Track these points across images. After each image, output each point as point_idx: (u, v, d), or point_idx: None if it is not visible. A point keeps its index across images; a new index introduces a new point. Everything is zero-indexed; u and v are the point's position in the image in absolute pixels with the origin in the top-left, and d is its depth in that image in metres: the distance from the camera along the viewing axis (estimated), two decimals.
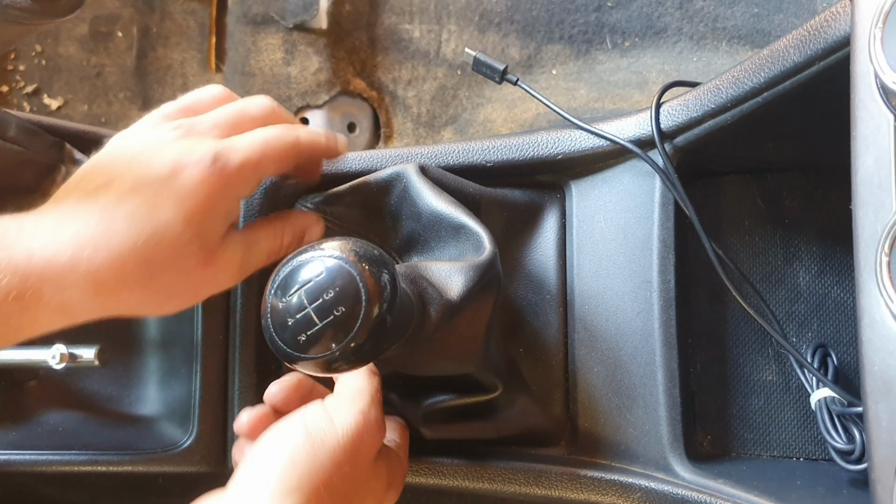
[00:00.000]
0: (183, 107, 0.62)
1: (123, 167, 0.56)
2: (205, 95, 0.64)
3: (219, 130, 0.59)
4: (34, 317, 0.52)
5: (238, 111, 0.62)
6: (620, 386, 0.70)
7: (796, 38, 0.59)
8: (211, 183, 0.55)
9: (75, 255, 0.52)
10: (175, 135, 0.58)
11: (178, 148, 0.56)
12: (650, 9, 1.31)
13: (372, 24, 1.38)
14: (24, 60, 1.43)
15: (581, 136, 0.72)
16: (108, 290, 0.54)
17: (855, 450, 0.64)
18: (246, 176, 0.58)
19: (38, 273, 0.51)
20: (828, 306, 0.74)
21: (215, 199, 0.56)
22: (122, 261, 0.53)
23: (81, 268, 0.52)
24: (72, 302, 0.53)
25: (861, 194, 0.48)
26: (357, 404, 0.59)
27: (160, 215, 0.54)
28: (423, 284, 0.59)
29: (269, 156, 0.59)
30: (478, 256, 0.62)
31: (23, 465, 0.76)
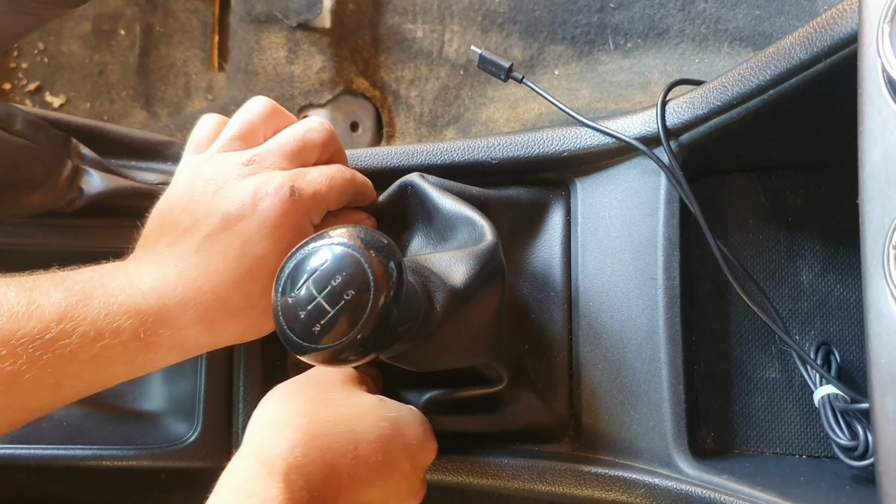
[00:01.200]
0: (240, 134, 0.64)
1: (206, 207, 0.60)
2: (255, 115, 0.65)
3: (287, 161, 0.62)
4: (153, 355, 0.57)
5: (300, 140, 0.64)
6: (624, 382, 0.70)
7: (803, 36, 0.59)
8: (291, 212, 0.59)
9: (185, 296, 0.57)
10: (247, 170, 0.61)
11: (254, 183, 0.60)
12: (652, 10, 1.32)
13: (375, 24, 1.38)
14: (26, 58, 1.44)
15: (586, 134, 0.72)
16: (218, 326, 0.59)
17: (858, 446, 0.65)
18: (318, 205, 0.61)
19: (155, 315, 0.56)
20: (831, 304, 0.75)
21: (297, 227, 0.59)
22: (227, 296, 0.58)
23: (191, 308, 0.57)
24: (187, 340, 0.58)
25: (868, 189, 0.48)
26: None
27: (253, 250, 0.58)
28: (425, 273, 0.60)
29: (334, 188, 0.62)
30: (478, 246, 0.63)
31: (27, 459, 0.76)
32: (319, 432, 0.56)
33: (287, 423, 0.57)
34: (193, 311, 0.57)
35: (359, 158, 0.75)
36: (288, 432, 0.56)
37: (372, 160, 0.75)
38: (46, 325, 0.52)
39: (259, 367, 0.76)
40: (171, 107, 1.40)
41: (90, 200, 0.72)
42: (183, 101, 1.41)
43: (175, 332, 0.57)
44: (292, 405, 0.59)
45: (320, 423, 0.57)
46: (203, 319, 0.58)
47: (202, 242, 0.58)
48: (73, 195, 0.71)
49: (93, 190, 0.72)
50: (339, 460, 0.56)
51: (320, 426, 0.57)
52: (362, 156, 0.75)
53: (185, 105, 1.41)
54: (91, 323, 0.54)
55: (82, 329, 0.53)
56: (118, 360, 0.55)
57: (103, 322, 0.54)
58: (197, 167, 0.62)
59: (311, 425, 0.56)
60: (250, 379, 0.76)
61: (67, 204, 0.71)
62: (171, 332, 0.57)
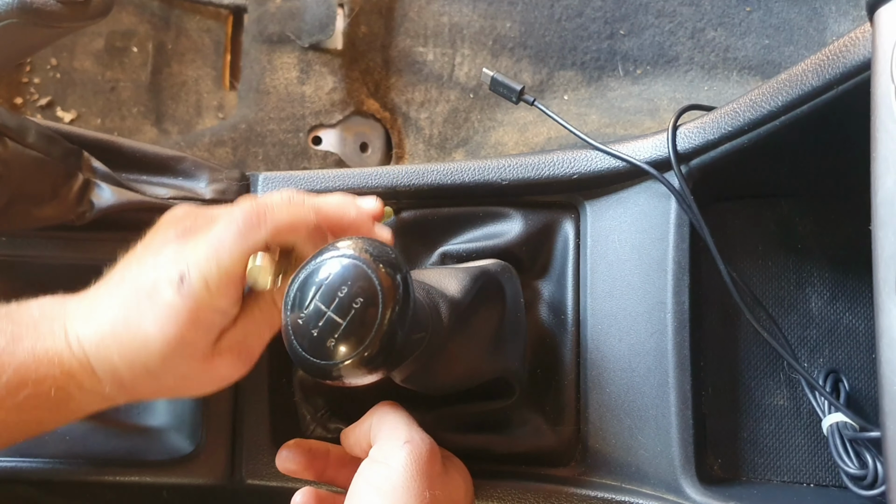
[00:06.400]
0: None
1: (133, 267, 0.58)
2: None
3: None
4: (79, 403, 0.57)
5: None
6: (632, 407, 0.70)
7: (815, 63, 0.59)
8: (178, 306, 0.55)
9: (101, 349, 0.56)
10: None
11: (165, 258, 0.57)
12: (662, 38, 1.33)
13: (387, 46, 1.39)
14: (38, 73, 1.44)
15: (597, 157, 0.72)
16: (128, 386, 0.57)
17: (867, 475, 0.64)
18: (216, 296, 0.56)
19: (77, 367, 0.55)
20: (839, 332, 0.74)
21: (185, 326, 0.55)
22: (131, 362, 0.56)
23: (106, 363, 0.56)
24: (106, 391, 0.57)
25: (881, 214, 0.48)
26: (400, 437, 0.59)
27: (145, 335, 0.55)
28: (425, 287, 0.60)
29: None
30: (468, 265, 0.65)
31: (29, 473, 0.76)
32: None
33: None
34: (108, 366, 0.56)
35: (369, 177, 0.75)
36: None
37: (382, 179, 0.75)
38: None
39: (265, 384, 0.76)
40: (182, 124, 1.41)
41: (100, 214, 0.72)
42: (194, 118, 1.42)
43: (97, 385, 0.56)
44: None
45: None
46: (113, 376, 0.56)
47: (117, 302, 0.57)
48: (83, 208, 0.71)
49: (103, 203, 0.72)
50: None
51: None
52: (372, 174, 0.76)
53: (196, 123, 1.42)
54: (15, 371, 0.53)
55: (6, 377, 0.53)
56: (43, 408, 0.55)
57: (28, 370, 0.54)
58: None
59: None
60: (255, 396, 0.75)
61: (77, 217, 0.71)
62: (94, 384, 0.56)
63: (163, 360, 0.55)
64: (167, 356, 0.55)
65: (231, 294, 0.56)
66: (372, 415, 0.63)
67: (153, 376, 0.56)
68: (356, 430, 0.64)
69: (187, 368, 0.57)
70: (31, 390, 0.54)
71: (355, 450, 0.64)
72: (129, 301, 0.56)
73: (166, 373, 0.56)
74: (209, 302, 0.55)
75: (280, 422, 0.76)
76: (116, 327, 0.56)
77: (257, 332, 0.60)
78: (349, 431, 0.65)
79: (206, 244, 0.56)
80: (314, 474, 0.66)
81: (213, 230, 0.56)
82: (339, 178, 0.76)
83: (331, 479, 0.66)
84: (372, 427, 0.62)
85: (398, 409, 0.63)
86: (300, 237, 0.58)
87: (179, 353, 0.55)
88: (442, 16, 1.39)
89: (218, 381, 0.60)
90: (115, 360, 0.56)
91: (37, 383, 0.54)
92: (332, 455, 0.66)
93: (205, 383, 0.59)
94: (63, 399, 0.56)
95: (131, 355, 0.55)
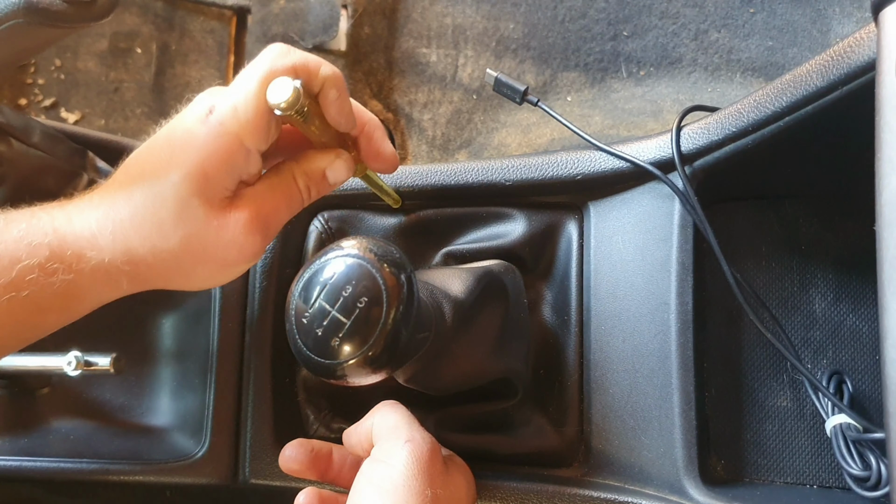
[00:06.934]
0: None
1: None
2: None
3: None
4: (80, 284, 0.53)
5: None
6: (635, 408, 0.70)
7: (819, 64, 0.59)
8: (203, 136, 0.54)
9: (104, 215, 0.54)
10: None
11: (195, 104, 0.56)
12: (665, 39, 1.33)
13: (390, 48, 1.39)
14: (42, 74, 1.45)
15: (601, 158, 0.72)
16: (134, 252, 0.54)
17: (871, 476, 0.64)
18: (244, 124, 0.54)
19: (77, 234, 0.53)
20: (843, 334, 0.74)
21: (210, 154, 0.54)
22: (140, 219, 0.54)
23: (110, 225, 0.53)
24: (111, 266, 0.54)
25: (886, 215, 0.48)
26: (401, 436, 0.59)
27: (163, 174, 0.54)
28: (429, 287, 0.60)
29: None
30: (472, 265, 0.65)
31: (33, 472, 0.76)
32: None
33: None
34: (111, 232, 0.53)
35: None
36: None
37: (386, 179, 0.75)
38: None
39: (268, 384, 0.76)
40: None
41: None
42: None
43: (101, 254, 0.53)
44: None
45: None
46: (122, 240, 0.54)
47: (132, 165, 0.56)
48: None
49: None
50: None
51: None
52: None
53: None
54: (8, 245, 0.51)
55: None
56: (40, 284, 0.52)
57: (20, 242, 0.52)
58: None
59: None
60: (259, 396, 0.75)
61: None
62: (97, 254, 0.53)
63: (178, 204, 0.53)
64: (183, 197, 0.53)
65: (258, 129, 0.54)
66: (373, 414, 0.63)
67: (164, 235, 0.54)
68: (358, 430, 0.64)
69: (203, 216, 0.54)
70: (27, 262, 0.51)
71: (357, 449, 0.64)
72: (150, 146, 0.55)
73: (179, 223, 0.54)
74: (236, 131, 0.53)
75: (283, 422, 0.76)
76: (130, 175, 0.54)
77: (274, 201, 0.57)
78: (351, 431, 0.65)
79: (235, 82, 0.55)
80: (317, 474, 0.65)
81: (243, 71, 0.55)
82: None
83: (333, 480, 0.66)
84: (373, 426, 0.62)
85: (400, 408, 0.63)
86: (325, 87, 0.56)
87: (197, 191, 0.53)
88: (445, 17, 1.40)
89: (234, 249, 0.56)
90: (122, 218, 0.54)
91: (30, 254, 0.51)
92: (335, 455, 0.66)
93: (220, 248, 0.56)
94: (66, 282, 0.53)
95: (142, 207, 0.54)
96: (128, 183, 0.55)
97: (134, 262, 0.55)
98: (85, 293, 0.55)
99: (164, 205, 0.53)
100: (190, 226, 0.54)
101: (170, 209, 0.54)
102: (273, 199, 0.57)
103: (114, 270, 0.54)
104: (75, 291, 0.54)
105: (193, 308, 0.79)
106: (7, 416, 0.79)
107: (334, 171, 0.60)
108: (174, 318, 0.81)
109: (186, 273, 0.57)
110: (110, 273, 0.54)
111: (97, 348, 0.76)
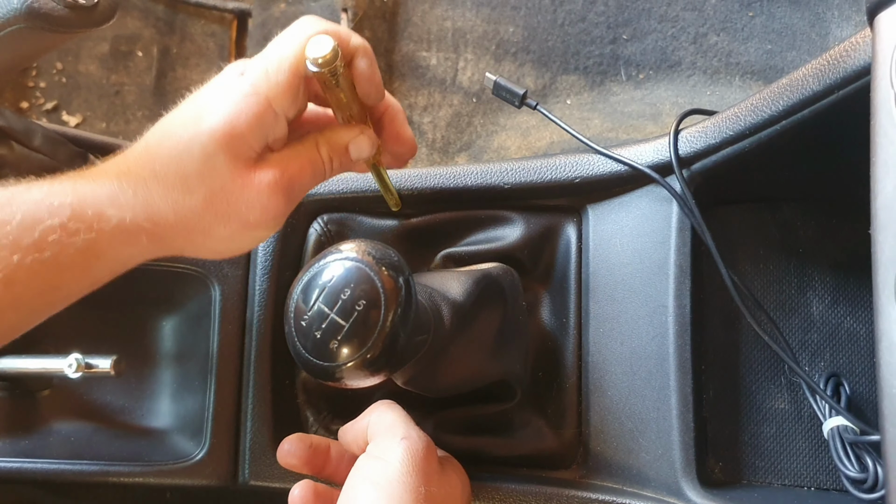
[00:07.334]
0: None
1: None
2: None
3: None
4: (101, 242, 0.53)
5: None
6: (634, 410, 0.70)
7: (815, 68, 0.59)
8: (233, 95, 0.54)
9: (124, 174, 0.54)
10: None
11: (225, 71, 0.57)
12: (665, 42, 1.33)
13: (390, 51, 1.40)
14: (44, 77, 1.45)
15: (599, 161, 0.72)
16: (155, 208, 0.54)
17: (868, 479, 0.64)
18: (273, 86, 0.55)
19: (97, 193, 0.53)
20: (840, 336, 0.74)
21: (241, 111, 0.54)
22: (164, 174, 0.54)
23: (131, 185, 0.54)
24: (132, 225, 0.54)
25: (881, 219, 0.48)
26: (396, 434, 0.59)
27: (190, 130, 0.54)
28: (428, 289, 0.60)
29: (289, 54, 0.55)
30: (472, 267, 0.65)
31: (34, 473, 0.76)
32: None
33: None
34: (133, 188, 0.54)
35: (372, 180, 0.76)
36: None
37: None
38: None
39: (268, 386, 0.76)
40: None
41: None
42: None
43: (120, 213, 0.53)
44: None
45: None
46: (143, 197, 0.54)
47: (159, 127, 0.57)
48: None
49: None
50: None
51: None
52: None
53: None
54: (29, 206, 0.51)
55: (20, 215, 0.50)
56: (62, 244, 0.51)
57: (41, 203, 0.51)
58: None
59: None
60: (259, 398, 0.76)
61: None
62: (118, 212, 0.53)
63: (203, 158, 0.54)
64: (209, 152, 0.53)
65: (287, 92, 0.55)
66: (370, 413, 0.63)
67: (188, 189, 0.54)
68: (354, 427, 0.64)
69: (228, 173, 0.54)
70: (49, 222, 0.51)
71: (352, 447, 0.64)
72: (175, 112, 0.56)
73: (203, 177, 0.54)
74: (265, 92, 0.54)
75: (283, 424, 0.76)
76: (152, 142, 0.55)
77: (299, 165, 0.58)
78: (347, 428, 0.65)
79: (267, 48, 0.56)
80: (314, 470, 0.66)
81: (275, 38, 0.56)
82: (343, 182, 0.77)
83: (330, 476, 0.66)
84: (369, 424, 0.62)
85: (395, 407, 0.63)
86: (357, 56, 0.57)
87: (224, 147, 0.54)
88: (445, 20, 1.40)
89: (257, 208, 0.56)
90: (144, 176, 0.54)
91: (52, 213, 0.51)
92: (333, 451, 0.67)
93: (242, 207, 0.56)
94: (88, 241, 0.52)
95: (166, 162, 0.54)
96: (152, 144, 0.55)
97: (154, 220, 0.54)
98: (105, 251, 0.54)
99: (189, 159, 0.54)
100: (214, 181, 0.54)
101: (195, 163, 0.54)
102: (298, 163, 0.58)
103: (134, 228, 0.54)
104: (96, 249, 0.53)
105: (194, 310, 0.79)
106: (8, 417, 0.79)
107: (357, 145, 0.60)
108: (174, 320, 0.81)
109: (207, 231, 0.56)
110: (131, 232, 0.54)
111: (98, 351, 0.76)
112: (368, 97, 0.59)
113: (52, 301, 0.55)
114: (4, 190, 0.52)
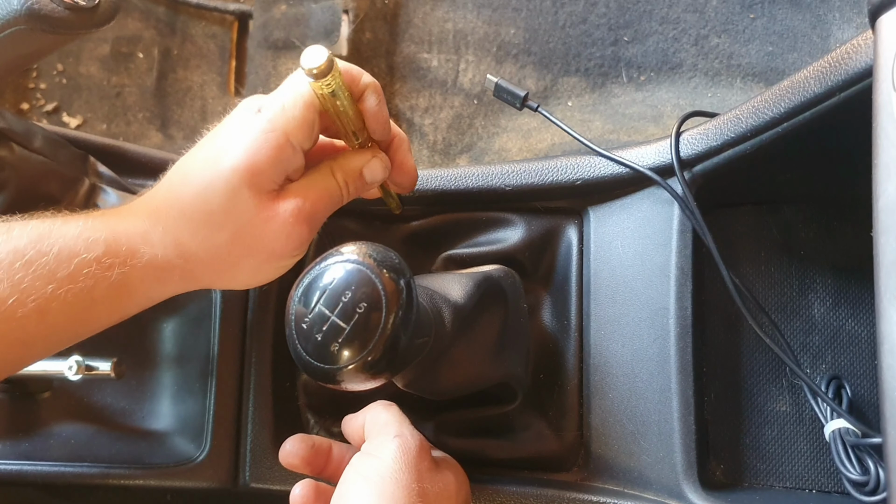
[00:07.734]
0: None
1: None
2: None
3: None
4: (133, 278, 0.56)
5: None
6: (635, 412, 0.70)
7: (817, 70, 0.59)
8: (252, 132, 0.56)
9: (153, 214, 0.57)
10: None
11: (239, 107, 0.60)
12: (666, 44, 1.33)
13: (391, 53, 1.40)
14: (45, 78, 1.45)
15: (600, 163, 0.72)
16: (185, 246, 0.56)
17: (869, 481, 0.64)
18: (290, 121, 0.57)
19: (132, 231, 0.56)
20: (842, 339, 0.74)
21: (260, 147, 0.56)
22: (190, 213, 0.56)
23: (160, 223, 0.56)
24: (164, 261, 0.56)
25: (883, 221, 0.48)
26: (390, 432, 0.60)
27: (213, 168, 0.56)
28: (429, 292, 0.60)
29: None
30: (472, 270, 0.65)
31: (34, 476, 0.76)
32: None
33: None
34: (162, 227, 0.56)
35: None
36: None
37: None
38: (23, 248, 0.52)
39: (268, 388, 0.76)
40: (187, 130, 1.41)
41: None
42: (199, 124, 1.42)
43: (152, 251, 0.56)
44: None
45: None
46: (172, 233, 0.56)
47: (184, 162, 0.59)
48: None
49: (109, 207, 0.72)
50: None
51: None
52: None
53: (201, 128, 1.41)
54: (66, 241, 0.53)
55: (57, 248, 0.53)
56: (96, 278, 0.54)
57: (78, 238, 0.54)
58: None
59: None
60: (259, 400, 0.76)
61: None
62: (150, 249, 0.56)
63: (228, 195, 0.56)
64: (234, 188, 0.55)
65: (303, 126, 0.57)
66: (367, 411, 0.64)
67: (214, 226, 0.56)
68: (353, 422, 0.65)
69: (253, 207, 0.56)
70: (84, 256, 0.53)
71: (353, 438, 0.66)
72: (193, 152, 0.58)
73: (229, 214, 0.56)
74: (282, 126, 0.56)
75: (284, 426, 0.76)
76: (176, 180, 0.57)
77: (317, 193, 0.60)
78: (350, 419, 0.66)
79: (281, 86, 0.58)
80: (315, 470, 0.66)
81: (290, 76, 0.59)
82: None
83: (331, 476, 0.67)
84: (365, 423, 0.63)
85: (392, 407, 0.64)
86: (367, 93, 0.59)
87: (247, 182, 0.55)
88: (446, 22, 1.40)
89: (282, 238, 0.58)
90: (173, 215, 0.56)
91: (88, 248, 0.53)
92: (335, 451, 0.67)
93: (268, 238, 0.58)
94: (121, 275, 0.55)
95: (192, 201, 0.56)
96: (175, 183, 0.58)
97: (186, 257, 0.57)
98: (137, 287, 0.57)
99: (214, 196, 0.56)
100: (241, 216, 0.57)
101: (220, 200, 0.56)
102: (316, 191, 0.60)
103: (166, 265, 0.57)
104: (128, 284, 0.56)
105: (194, 312, 0.79)
106: (8, 419, 0.79)
107: (371, 168, 0.63)
108: (175, 322, 0.81)
109: (235, 265, 0.59)
110: (163, 268, 0.57)
111: (98, 353, 0.76)
112: (375, 133, 0.62)
113: (80, 334, 0.57)
114: (42, 223, 0.54)
